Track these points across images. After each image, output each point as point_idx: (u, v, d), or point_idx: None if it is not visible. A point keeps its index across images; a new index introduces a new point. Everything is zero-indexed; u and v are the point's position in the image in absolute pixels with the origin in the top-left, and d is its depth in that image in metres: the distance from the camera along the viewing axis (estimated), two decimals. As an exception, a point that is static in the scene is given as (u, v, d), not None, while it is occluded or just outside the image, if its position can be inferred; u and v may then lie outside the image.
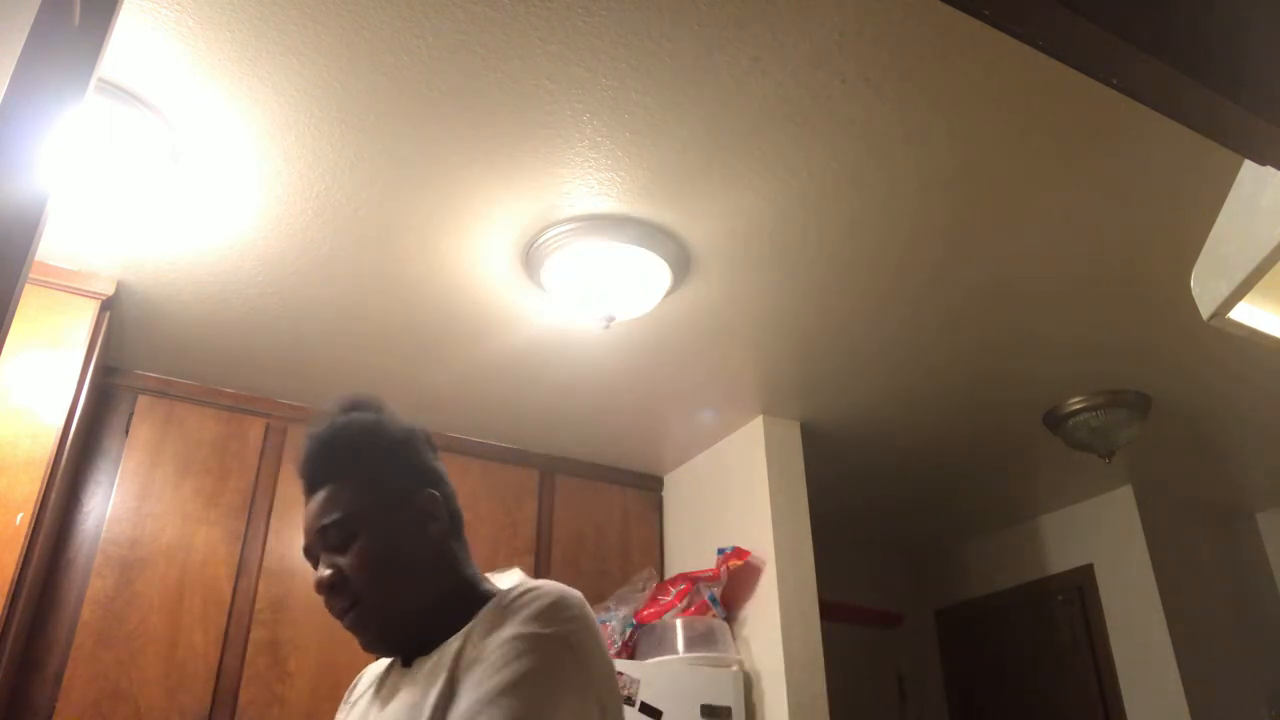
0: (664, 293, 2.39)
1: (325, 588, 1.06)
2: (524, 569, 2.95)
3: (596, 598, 3.16)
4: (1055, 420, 3.18)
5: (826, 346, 2.76)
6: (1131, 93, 0.92)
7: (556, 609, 0.98)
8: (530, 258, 2.30)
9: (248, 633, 2.68)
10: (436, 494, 1.15)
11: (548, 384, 2.95)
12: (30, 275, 1.17)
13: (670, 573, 3.35)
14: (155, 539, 2.66)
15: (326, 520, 1.08)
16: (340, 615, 1.08)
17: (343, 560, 1.06)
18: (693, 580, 3.01)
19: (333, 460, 1.12)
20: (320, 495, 1.10)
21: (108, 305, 2.42)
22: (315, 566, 1.09)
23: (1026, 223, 2.23)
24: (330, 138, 1.94)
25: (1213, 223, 1.25)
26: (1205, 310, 1.23)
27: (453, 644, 1.02)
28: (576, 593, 1.03)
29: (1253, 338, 1.24)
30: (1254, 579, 4.01)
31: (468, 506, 3.66)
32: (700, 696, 2.74)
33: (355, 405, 1.20)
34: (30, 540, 2.07)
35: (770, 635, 2.89)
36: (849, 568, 4.27)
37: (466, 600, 1.09)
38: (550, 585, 1.03)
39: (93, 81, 0.77)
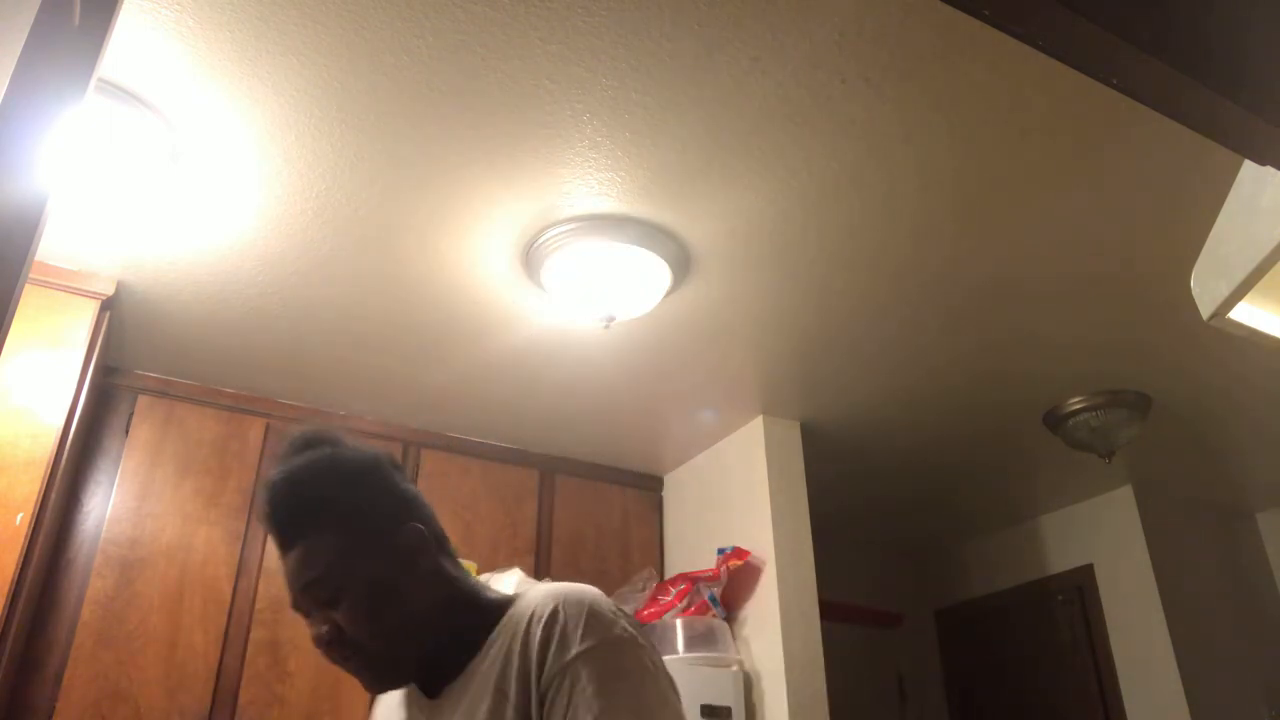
0: (664, 293, 2.39)
1: (324, 644, 1.03)
2: (524, 569, 2.95)
3: (596, 598, 3.16)
4: (1055, 420, 3.18)
5: (826, 346, 2.76)
6: (1131, 93, 0.92)
7: (597, 616, 0.98)
8: (530, 258, 2.30)
9: (248, 633, 2.68)
10: (419, 526, 1.09)
11: (548, 384, 2.95)
12: (30, 275, 1.17)
13: (670, 573, 3.35)
14: (155, 539, 2.66)
15: (308, 579, 1.03)
16: (342, 664, 1.05)
17: (335, 614, 1.02)
18: (693, 580, 3.01)
19: (298, 513, 1.06)
20: (295, 552, 1.04)
21: (108, 305, 2.42)
22: (306, 618, 1.06)
23: (1026, 223, 2.23)
24: (330, 138, 1.94)
25: (1213, 223, 1.25)
26: (1205, 310, 1.23)
27: (487, 662, 1.01)
28: (585, 587, 1.03)
29: (1253, 338, 1.24)
30: (1254, 579, 4.01)
31: (467, 506, 3.64)
32: (700, 696, 2.74)
33: (308, 443, 1.12)
34: (30, 540, 2.07)
35: (770, 635, 2.89)
36: (849, 568, 4.26)
37: (476, 614, 1.07)
38: (576, 590, 1.02)
39: (93, 81, 0.77)
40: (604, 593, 1.04)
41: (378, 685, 1.08)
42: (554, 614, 0.98)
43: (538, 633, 0.97)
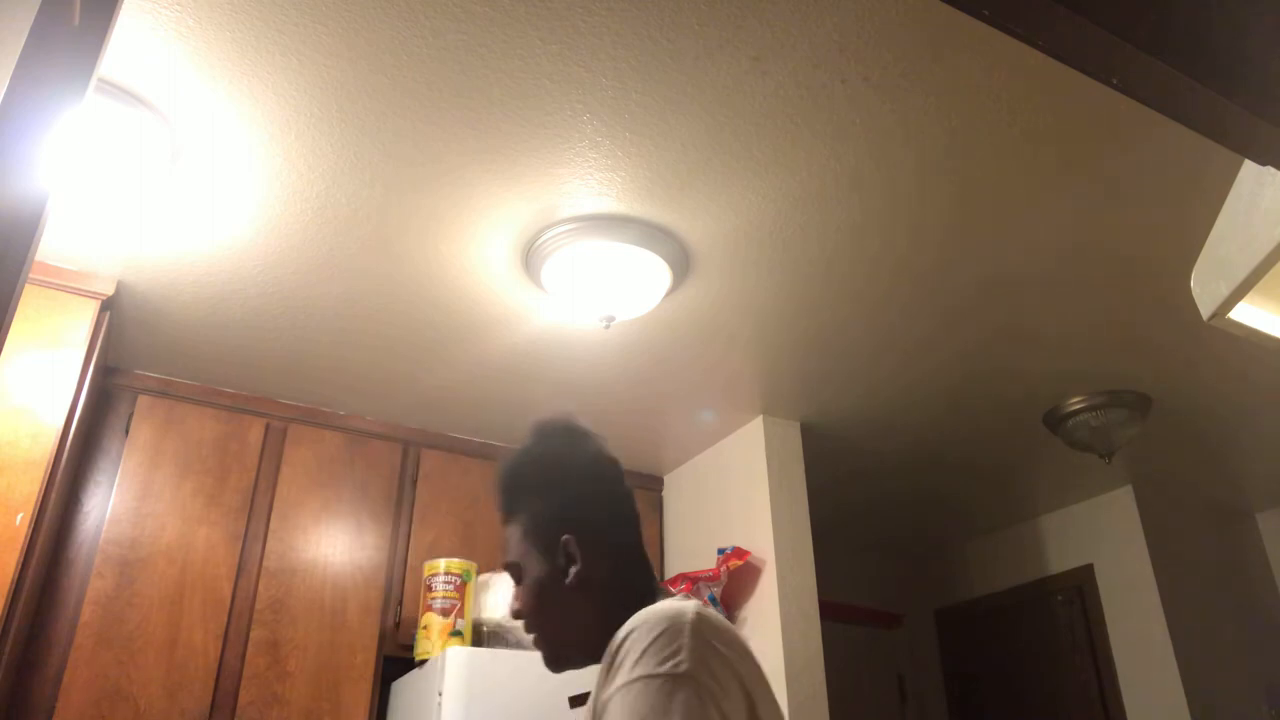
0: (664, 293, 2.39)
1: (513, 616, 1.25)
2: (524, 569, 2.94)
3: (596, 598, 3.16)
4: (1055, 420, 3.18)
5: (826, 346, 2.76)
6: (1131, 93, 0.92)
7: (661, 643, 0.96)
8: (530, 258, 2.30)
9: (248, 633, 2.68)
10: (571, 538, 1.21)
11: (548, 384, 2.94)
12: (30, 275, 1.17)
13: (670, 573, 3.35)
14: (155, 539, 2.66)
15: (505, 560, 1.25)
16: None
17: (519, 596, 1.23)
18: (693, 580, 3.01)
19: (505, 499, 1.27)
20: (506, 530, 1.26)
21: (108, 305, 2.42)
22: None
23: (1026, 222, 2.23)
24: (330, 137, 1.94)
25: (1213, 223, 1.25)
26: (1205, 310, 1.23)
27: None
28: (684, 607, 1.02)
29: (1253, 338, 1.24)
30: (1254, 579, 4.01)
31: (468, 506, 3.65)
32: (700, 696, 2.73)
33: (541, 431, 1.30)
34: (30, 540, 2.07)
35: (770, 635, 2.89)
36: (849, 568, 4.27)
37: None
38: (655, 614, 1.01)
39: (93, 81, 0.77)
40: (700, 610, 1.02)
41: (548, 665, 1.22)
42: (624, 639, 1.01)
43: (608, 658, 1.02)
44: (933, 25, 1.67)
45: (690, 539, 3.38)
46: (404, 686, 2.80)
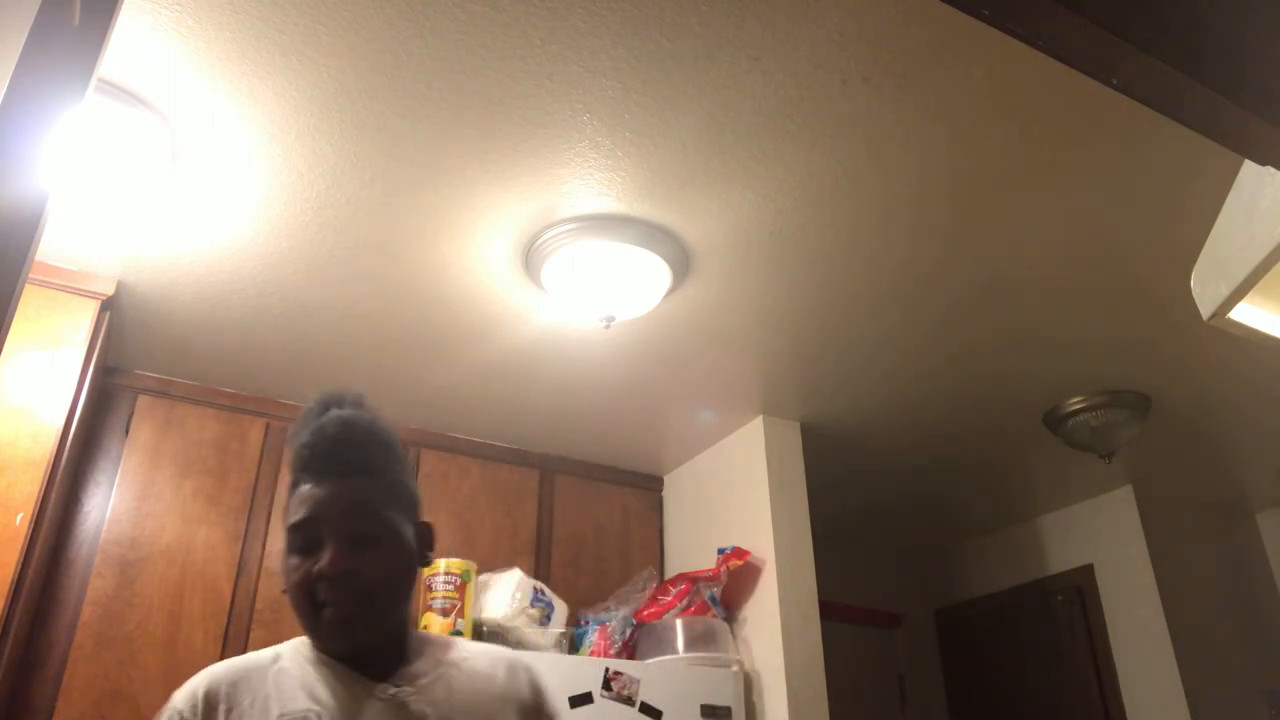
0: (664, 293, 2.39)
1: (335, 576, 1.08)
2: (524, 569, 2.95)
3: (597, 597, 3.16)
4: (1055, 420, 3.18)
5: (826, 346, 2.76)
6: (1131, 92, 0.92)
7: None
8: (530, 258, 2.30)
9: (248, 633, 2.68)
10: (431, 525, 1.23)
11: (548, 384, 2.95)
12: (30, 275, 1.17)
13: (670, 573, 3.35)
14: (155, 539, 2.66)
15: (359, 513, 1.11)
16: (334, 604, 1.09)
17: (361, 558, 1.09)
18: (693, 580, 3.01)
19: (368, 452, 1.14)
20: (351, 482, 1.12)
21: (108, 305, 2.42)
22: (305, 549, 1.10)
23: (1026, 223, 2.23)
24: (330, 137, 1.94)
25: (1213, 223, 1.25)
26: (1205, 310, 1.23)
27: (496, 686, 1.19)
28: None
29: (1253, 338, 1.24)
30: (1254, 579, 4.01)
31: (467, 506, 3.64)
32: (700, 696, 2.74)
33: (355, 402, 1.22)
34: (30, 540, 2.07)
35: (770, 635, 2.89)
36: (849, 568, 4.27)
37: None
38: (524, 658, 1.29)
39: (93, 81, 0.77)
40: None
41: (355, 646, 1.13)
42: (537, 683, 1.24)
43: (517, 702, 1.20)
44: (933, 25, 1.67)
45: (690, 539, 3.38)
46: (404, 686, 2.80)
